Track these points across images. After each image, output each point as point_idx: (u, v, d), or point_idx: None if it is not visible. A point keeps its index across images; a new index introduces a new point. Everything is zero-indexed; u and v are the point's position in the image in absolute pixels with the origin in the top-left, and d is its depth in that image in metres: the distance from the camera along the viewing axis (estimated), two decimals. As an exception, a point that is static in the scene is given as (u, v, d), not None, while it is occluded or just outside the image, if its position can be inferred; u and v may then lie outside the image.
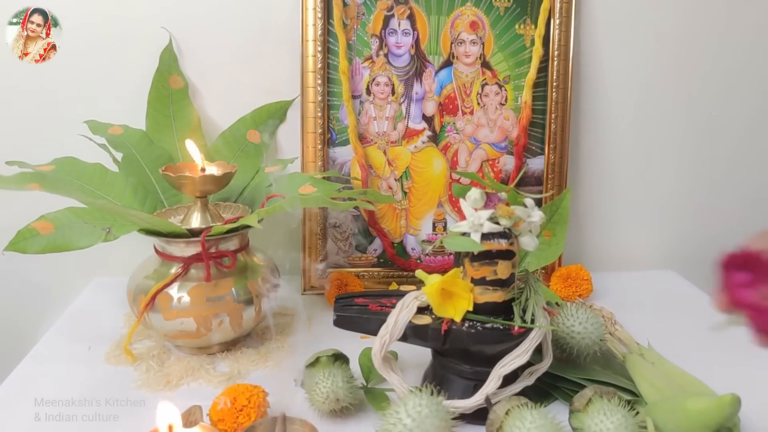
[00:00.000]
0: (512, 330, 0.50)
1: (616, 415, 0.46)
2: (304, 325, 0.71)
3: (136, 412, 0.49)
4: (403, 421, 0.43)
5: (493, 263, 0.50)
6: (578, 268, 0.80)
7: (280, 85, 0.80)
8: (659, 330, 0.68)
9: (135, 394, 0.56)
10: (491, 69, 0.79)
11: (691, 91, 0.86)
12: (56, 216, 0.58)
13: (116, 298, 0.75)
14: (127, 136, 0.73)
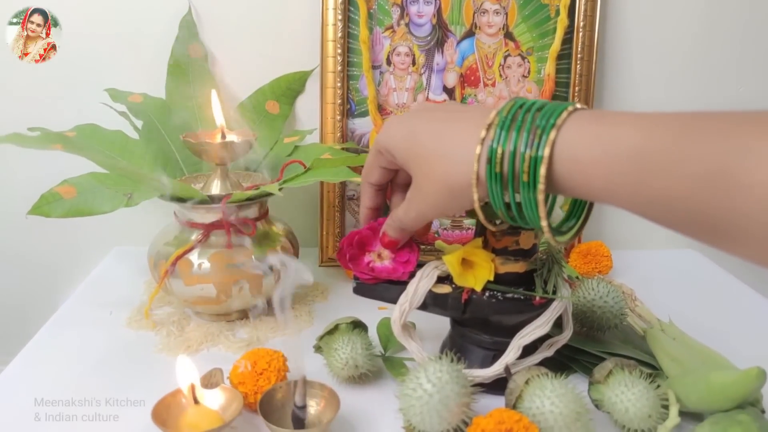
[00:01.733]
0: (533, 300, 0.49)
1: (637, 386, 0.45)
2: (321, 295, 0.71)
3: (136, 412, 0.49)
4: (423, 386, 0.43)
5: (515, 233, 0.49)
6: (598, 245, 0.79)
7: (300, 55, 0.80)
8: (680, 308, 0.67)
9: (156, 357, 0.57)
10: (514, 40, 0.78)
11: (721, 67, 0.84)
12: (79, 181, 0.59)
13: (136, 266, 0.76)
14: (147, 104, 0.73)
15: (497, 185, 0.36)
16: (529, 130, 0.35)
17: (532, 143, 0.34)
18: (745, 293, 0.76)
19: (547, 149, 0.33)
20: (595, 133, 0.32)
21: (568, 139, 0.33)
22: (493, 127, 0.36)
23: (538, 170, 0.34)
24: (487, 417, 0.42)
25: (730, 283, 0.79)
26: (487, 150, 0.36)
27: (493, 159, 0.36)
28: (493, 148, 0.36)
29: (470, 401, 0.45)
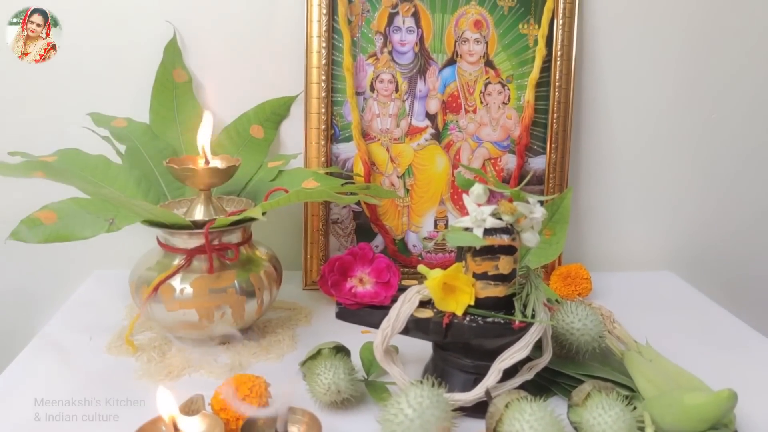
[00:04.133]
0: (513, 324, 0.50)
1: (614, 409, 0.46)
2: (305, 319, 0.71)
3: (136, 412, 0.49)
4: (404, 411, 0.43)
5: (495, 258, 0.50)
6: (578, 267, 0.80)
7: (284, 80, 0.81)
8: (657, 329, 0.68)
9: (136, 384, 0.57)
10: (494, 68, 0.80)
11: (694, 93, 0.86)
12: (59, 206, 0.59)
13: (117, 291, 0.76)
14: (131, 128, 0.73)
15: None
16: None
17: None
18: (721, 315, 0.77)
19: None
20: None
21: None
22: None
23: None
24: (467, 442, 0.43)
25: (706, 305, 0.80)
26: None
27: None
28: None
29: (451, 425, 0.45)
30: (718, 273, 0.93)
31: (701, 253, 0.93)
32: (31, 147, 0.67)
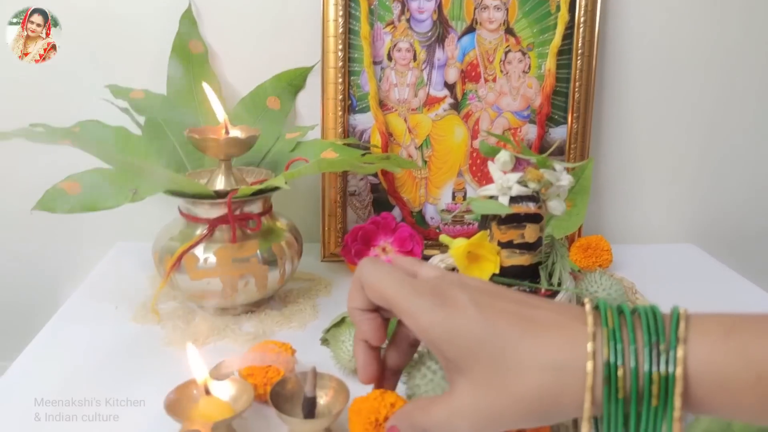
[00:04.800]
0: (539, 292, 0.50)
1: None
2: (324, 290, 0.72)
3: (136, 412, 0.49)
4: (426, 363, 0.43)
5: (520, 226, 0.50)
6: (598, 239, 0.79)
7: (300, 50, 0.80)
8: (679, 301, 0.67)
9: (163, 351, 0.57)
10: (515, 35, 0.78)
11: (719, 63, 0.84)
12: (83, 176, 0.59)
13: (139, 262, 0.76)
14: (149, 100, 0.73)
15: (617, 409, 0.29)
16: (648, 344, 0.29)
17: (657, 360, 0.29)
18: (745, 286, 0.76)
19: (679, 368, 0.29)
20: (737, 352, 0.29)
21: (703, 357, 0.29)
22: (602, 337, 0.30)
23: (671, 393, 0.28)
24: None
25: (729, 277, 0.79)
26: (602, 367, 0.29)
27: (614, 378, 0.29)
28: (613, 365, 0.29)
29: None
30: (741, 245, 0.92)
31: (724, 226, 0.91)
32: (51, 120, 0.67)
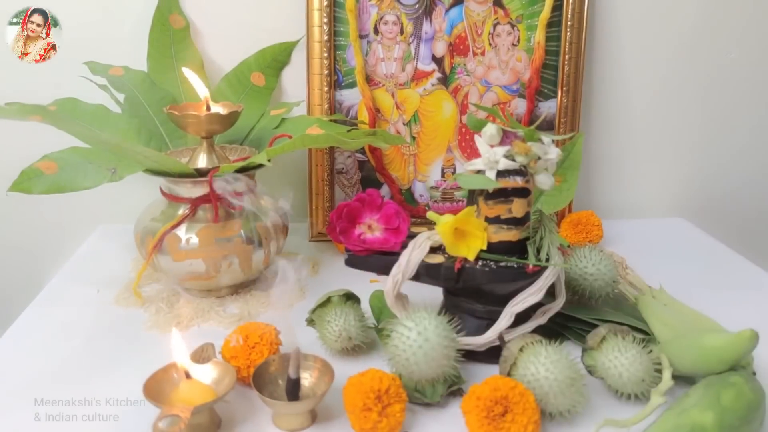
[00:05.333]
0: (526, 268, 0.49)
1: (630, 351, 0.46)
2: (312, 269, 0.71)
3: (136, 412, 0.48)
4: (406, 324, 0.44)
5: (508, 201, 0.49)
6: (589, 214, 0.79)
7: (285, 24, 0.78)
8: (670, 275, 0.67)
9: (146, 335, 0.56)
10: (503, 7, 0.76)
11: (711, 34, 0.83)
12: (60, 156, 0.57)
13: (122, 244, 0.75)
14: (129, 77, 0.71)
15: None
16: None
17: None
18: (734, 259, 0.76)
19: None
20: None
21: None
22: None
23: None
24: (482, 384, 0.42)
25: (719, 250, 0.79)
26: None
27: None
28: None
29: (455, 356, 0.46)
30: (730, 218, 0.92)
31: (714, 199, 0.91)
32: (28, 98, 0.65)
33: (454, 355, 0.46)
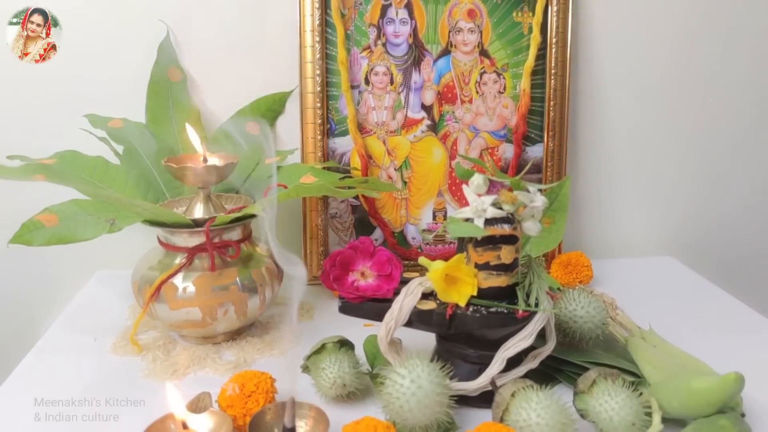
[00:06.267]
0: (516, 314, 0.50)
1: (620, 395, 0.46)
2: (307, 314, 0.71)
3: (136, 412, 0.49)
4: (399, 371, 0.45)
5: (496, 248, 0.50)
6: (578, 255, 0.80)
7: (279, 76, 0.80)
8: (659, 314, 0.69)
9: (143, 384, 0.57)
10: (489, 57, 0.79)
11: (689, 78, 0.86)
12: (60, 208, 0.58)
13: (120, 291, 0.76)
14: (127, 129, 0.73)
15: None
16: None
17: None
18: (723, 298, 0.77)
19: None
20: None
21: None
22: None
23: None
24: (475, 431, 0.43)
25: (707, 289, 0.80)
26: None
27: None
28: None
29: (449, 402, 0.46)
30: (718, 257, 0.94)
31: (701, 238, 0.93)
32: (29, 150, 0.67)
33: (448, 402, 0.46)
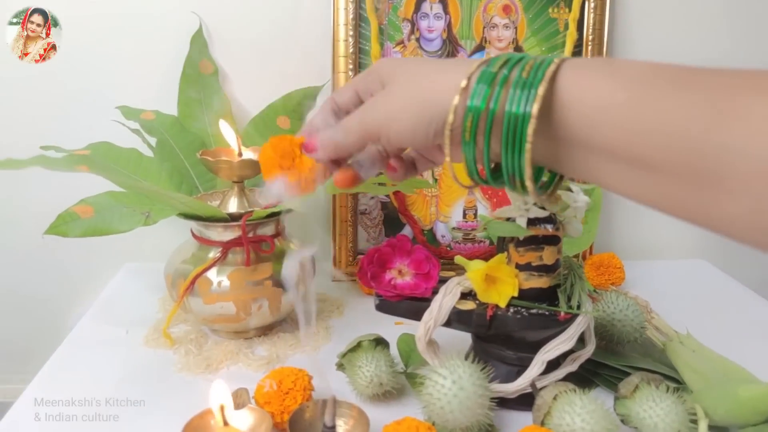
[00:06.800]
0: (558, 316, 0.49)
1: (665, 401, 0.46)
2: (337, 311, 0.71)
3: (136, 412, 0.49)
4: (440, 372, 0.44)
5: (539, 249, 0.50)
6: (610, 256, 0.79)
7: (311, 70, 0.80)
8: (693, 319, 0.67)
9: (177, 378, 0.57)
10: (524, 54, 0.78)
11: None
12: (96, 200, 0.58)
13: (148, 283, 0.76)
14: (160, 121, 0.73)
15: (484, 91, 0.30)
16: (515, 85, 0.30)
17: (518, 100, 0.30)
18: (757, 303, 0.76)
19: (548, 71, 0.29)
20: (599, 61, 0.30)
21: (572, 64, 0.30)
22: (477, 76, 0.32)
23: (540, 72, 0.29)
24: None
25: (741, 293, 0.79)
26: (484, 66, 0.32)
27: (492, 64, 0.31)
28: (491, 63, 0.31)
29: (490, 405, 0.46)
30: (752, 260, 0.92)
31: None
32: (62, 141, 0.67)
33: (489, 404, 0.46)
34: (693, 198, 0.27)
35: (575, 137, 0.29)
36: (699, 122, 0.25)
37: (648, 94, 0.27)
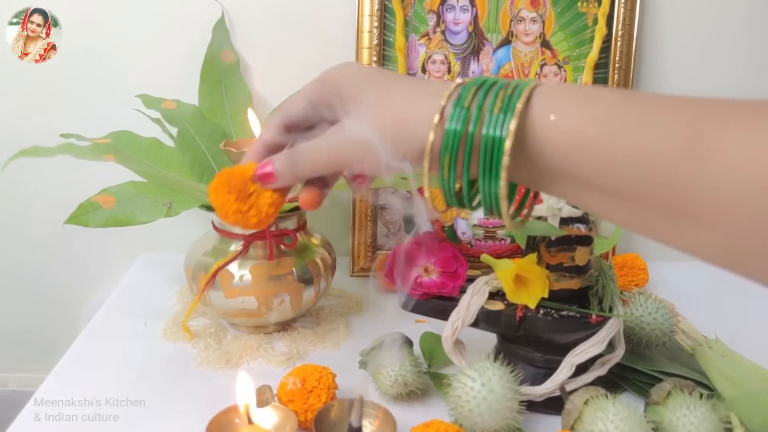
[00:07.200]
0: (590, 318, 0.48)
1: (699, 409, 0.44)
2: (356, 307, 0.70)
3: (136, 412, 0.48)
4: (469, 374, 0.43)
5: (571, 249, 0.48)
6: (634, 257, 0.78)
7: (334, 61, 0.77)
8: (719, 322, 0.66)
9: (196, 372, 0.56)
10: (551, 48, 0.77)
11: (763, 77, 0.82)
12: (118, 190, 0.58)
13: (166, 275, 0.75)
14: (180, 110, 0.72)
15: (460, 120, 0.30)
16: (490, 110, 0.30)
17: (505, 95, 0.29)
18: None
19: (519, 103, 0.29)
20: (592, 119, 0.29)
21: (544, 94, 0.29)
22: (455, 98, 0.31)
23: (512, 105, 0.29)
24: (550, 440, 0.41)
25: (764, 293, 0.77)
26: (458, 91, 0.31)
27: (464, 97, 0.30)
28: (463, 95, 0.30)
29: (518, 408, 0.45)
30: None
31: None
32: (81, 129, 0.66)
33: (518, 407, 0.45)
34: (667, 227, 0.27)
35: (550, 167, 0.29)
36: (669, 159, 0.26)
37: (618, 128, 0.27)
